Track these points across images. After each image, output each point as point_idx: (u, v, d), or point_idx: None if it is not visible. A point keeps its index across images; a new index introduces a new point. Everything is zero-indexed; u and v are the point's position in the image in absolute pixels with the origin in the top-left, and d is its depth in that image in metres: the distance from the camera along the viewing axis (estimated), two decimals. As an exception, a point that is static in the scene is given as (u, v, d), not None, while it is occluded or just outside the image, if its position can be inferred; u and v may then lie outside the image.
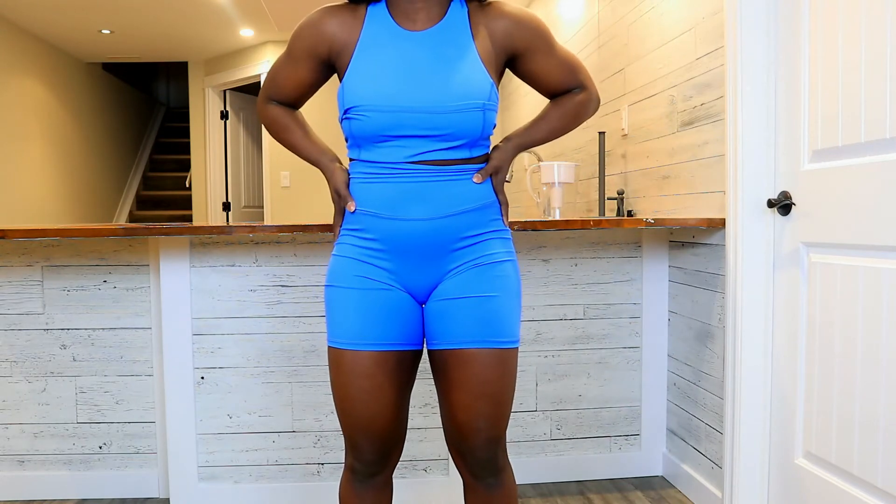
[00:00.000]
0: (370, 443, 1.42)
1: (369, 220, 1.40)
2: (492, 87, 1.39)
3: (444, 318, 1.39)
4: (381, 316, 1.39)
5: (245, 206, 6.73)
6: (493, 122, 1.41)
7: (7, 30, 5.14)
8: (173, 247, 2.30)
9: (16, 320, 2.37)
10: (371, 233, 1.40)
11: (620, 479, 2.54)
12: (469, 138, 1.39)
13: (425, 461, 2.43)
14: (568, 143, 3.80)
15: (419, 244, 1.39)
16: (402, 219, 1.38)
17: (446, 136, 1.37)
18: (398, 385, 1.42)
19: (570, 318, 2.50)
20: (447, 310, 1.39)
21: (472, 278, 1.40)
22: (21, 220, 5.33)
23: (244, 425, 2.37)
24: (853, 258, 1.73)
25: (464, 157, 1.40)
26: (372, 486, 1.47)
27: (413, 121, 1.35)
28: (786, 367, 2.00)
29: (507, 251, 1.46)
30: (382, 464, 1.46)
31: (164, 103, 9.39)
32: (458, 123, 1.36)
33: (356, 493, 1.47)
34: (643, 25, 2.74)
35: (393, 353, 1.40)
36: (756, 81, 2.03)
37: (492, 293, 1.40)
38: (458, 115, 1.35)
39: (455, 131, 1.37)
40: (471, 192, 1.41)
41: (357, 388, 1.38)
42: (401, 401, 1.43)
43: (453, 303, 1.39)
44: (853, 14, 1.70)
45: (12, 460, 2.39)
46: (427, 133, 1.36)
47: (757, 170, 2.05)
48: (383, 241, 1.40)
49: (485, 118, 1.37)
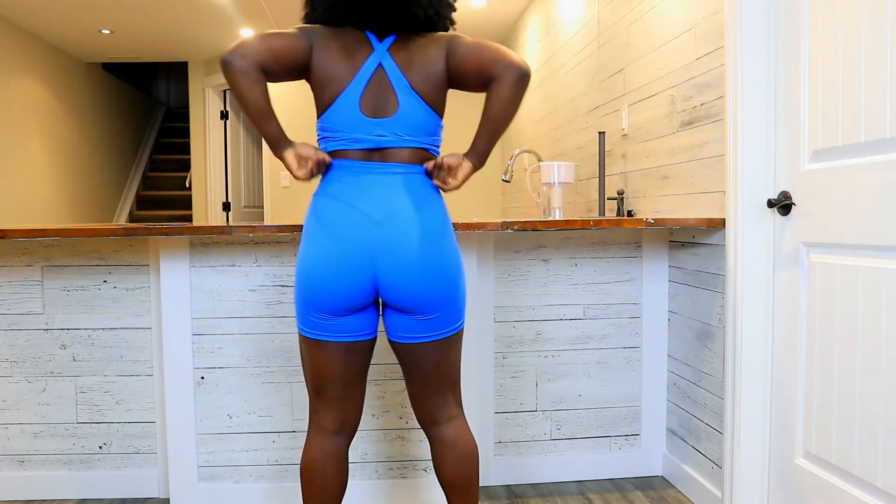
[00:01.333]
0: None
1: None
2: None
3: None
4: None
5: (245, 206, 6.73)
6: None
7: (7, 30, 5.14)
8: (173, 247, 2.30)
9: (16, 320, 2.37)
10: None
11: (620, 479, 2.54)
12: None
13: (425, 461, 2.43)
14: (568, 144, 3.80)
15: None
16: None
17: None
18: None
19: (570, 318, 2.50)
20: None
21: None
22: (21, 220, 5.33)
23: (244, 425, 2.37)
24: (853, 258, 1.73)
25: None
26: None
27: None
28: (786, 367, 2.00)
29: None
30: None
31: (164, 103, 9.39)
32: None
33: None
34: (643, 25, 2.74)
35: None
36: (756, 81, 2.03)
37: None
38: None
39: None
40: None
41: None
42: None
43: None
44: (853, 14, 1.70)
45: (12, 460, 2.40)
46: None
47: (757, 170, 2.05)
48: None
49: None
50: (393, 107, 1.64)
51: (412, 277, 1.59)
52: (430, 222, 1.63)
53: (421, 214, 1.62)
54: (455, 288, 1.66)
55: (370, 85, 1.64)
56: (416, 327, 1.64)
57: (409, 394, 1.74)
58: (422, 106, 1.65)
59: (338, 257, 1.58)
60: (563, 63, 3.88)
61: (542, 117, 4.37)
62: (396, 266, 1.58)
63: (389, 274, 1.59)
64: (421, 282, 1.59)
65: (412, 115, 1.65)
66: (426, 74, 1.65)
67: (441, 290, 1.62)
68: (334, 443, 1.67)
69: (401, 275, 1.59)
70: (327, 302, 1.59)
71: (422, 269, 1.59)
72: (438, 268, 1.61)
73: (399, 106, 1.64)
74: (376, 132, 1.64)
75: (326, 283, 1.58)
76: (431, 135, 1.69)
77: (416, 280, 1.59)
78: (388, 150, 1.65)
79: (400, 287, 1.59)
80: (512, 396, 2.50)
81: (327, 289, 1.58)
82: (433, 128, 1.69)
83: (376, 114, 1.64)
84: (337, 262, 1.58)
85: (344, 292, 1.59)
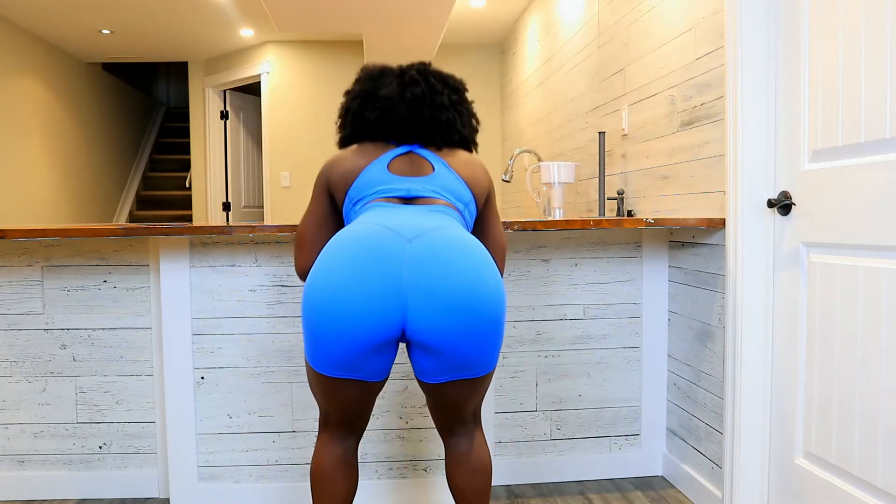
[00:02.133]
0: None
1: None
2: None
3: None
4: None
5: (245, 206, 6.73)
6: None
7: (7, 30, 5.14)
8: (173, 247, 2.30)
9: (16, 320, 2.37)
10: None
11: (620, 479, 2.54)
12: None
13: (425, 461, 2.43)
14: (568, 144, 3.80)
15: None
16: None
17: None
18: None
19: (570, 318, 2.50)
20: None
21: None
22: (21, 220, 5.33)
23: (244, 425, 2.37)
24: (853, 258, 1.73)
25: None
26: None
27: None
28: (786, 367, 2.00)
29: None
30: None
31: (164, 103, 9.39)
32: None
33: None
34: (643, 25, 2.74)
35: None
36: (756, 81, 2.03)
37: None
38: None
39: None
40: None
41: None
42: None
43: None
44: (853, 14, 1.70)
45: (12, 460, 2.40)
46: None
47: (757, 170, 2.05)
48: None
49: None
50: (427, 169, 1.63)
51: (448, 309, 1.37)
52: (467, 238, 1.48)
53: (455, 230, 1.48)
54: (499, 328, 1.46)
55: (399, 158, 1.64)
56: (449, 367, 1.46)
57: (430, 411, 1.68)
58: (456, 178, 1.63)
59: (360, 278, 1.37)
60: (563, 63, 3.88)
61: (542, 117, 4.37)
62: (430, 294, 1.37)
63: (421, 304, 1.37)
64: (458, 316, 1.38)
65: (446, 179, 1.61)
66: (468, 171, 1.66)
67: (482, 326, 1.41)
68: (344, 446, 1.65)
69: (435, 305, 1.37)
70: (345, 335, 1.38)
71: (461, 299, 1.37)
72: (480, 297, 1.40)
73: (434, 170, 1.62)
74: (407, 185, 1.59)
75: (344, 313, 1.37)
76: (465, 206, 1.63)
77: (453, 314, 1.37)
78: (421, 198, 1.60)
79: (432, 321, 1.38)
80: (512, 396, 2.50)
81: (346, 319, 1.37)
82: (467, 198, 1.63)
83: (409, 173, 1.62)
84: (358, 284, 1.36)
85: (365, 324, 1.37)
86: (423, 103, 1.63)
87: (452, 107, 1.68)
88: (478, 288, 1.40)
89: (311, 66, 5.87)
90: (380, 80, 1.68)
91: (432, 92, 1.65)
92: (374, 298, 1.37)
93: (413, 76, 1.66)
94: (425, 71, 1.69)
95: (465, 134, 1.72)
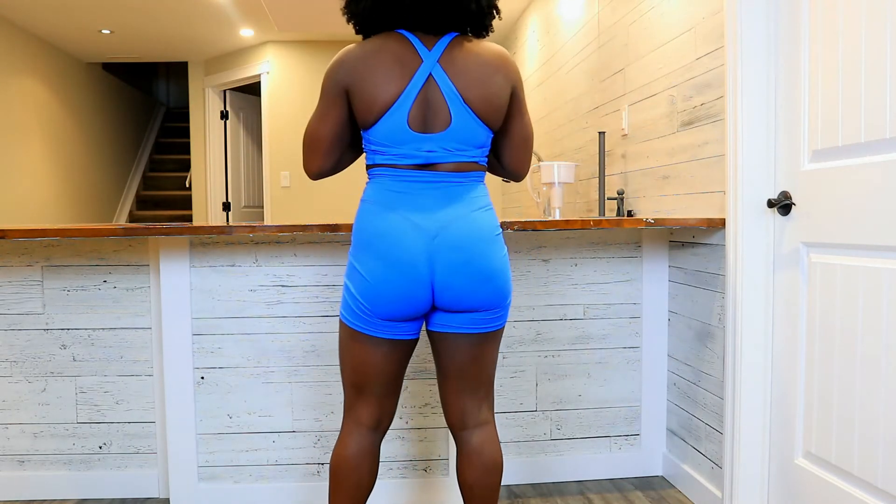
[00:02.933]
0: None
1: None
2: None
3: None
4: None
5: (245, 206, 6.73)
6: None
7: (7, 30, 5.14)
8: (173, 247, 2.30)
9: (16, 320, 2.37)
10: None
11: (620, 479, 2.54)
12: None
13: (425, 461, 2.43)
14: (568, 144, 3.80)
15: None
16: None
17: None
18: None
19: (570, 318, 2.50)
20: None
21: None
22: (21, 220, 5.33)
23: (244, 425, 2.37)
24: (853, 258, 1.73)
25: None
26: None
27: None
28: (786, 367, 2.00)
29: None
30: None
31: (164, 103, 9.39)
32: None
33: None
34: (643, 25, 2.74)
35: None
36: (756, 81, 2.03)
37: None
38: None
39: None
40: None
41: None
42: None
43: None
44: (853, 14, 1.70)
45: (12, 460, 2.40)
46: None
47: (757, 170, 2.05)
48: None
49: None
50: (443, 121, 1.59)
51: (469, 286, 1.58)
52: (482, 230, 1.61)
53: (472, 223, 1.60)
54: (507, 289, 1.65)
55: (419, 99, 1.58)
56: (462, 321, 1.62)
57: (442, 393, 1.70)
58: (474, 120, 1.60)
59: (401, 276, 1.56)
60: (563, 63, 3.88)
61: (542, 117, 4.37)
62: (454, 278, 1.57)
63: (449, 286, 1.57)
64: (478, 289, 1.58)
65: (463, 129, 1.60)
66: (484, 94, 1.60)
67: (496, 293, 1.61)
68: (371, 439, 1.65)
69: (459, 285, 1.58)
70: (386, 313, 1.58)
71: (479, 277, 1.58)
72: (493, 273, 1.60)
73: (451, 120, 1.58)
74: (426, 148, 1.59)
75: (388, 301, 1.57)
76: (481, 146, 1.64)
77: (474, 287, 1.58)
78: (436, 163, 1.61)
79: (458, 296, 1.58)
80: (512, 396, 2.50)
81: (388, 304, 1.57)
82: (483, 140, 1.64)
83: (426, 129, 1.59)
84: (399, 280, 1.56)
85: (403, 309, 1.58)
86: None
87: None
88: (490, 266, 1.61)
89: (311, 66, 5.87)
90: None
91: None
92: (414, 287, 1.57)
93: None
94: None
95: (483, 5, 1.63)
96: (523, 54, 4.93)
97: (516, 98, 1.68)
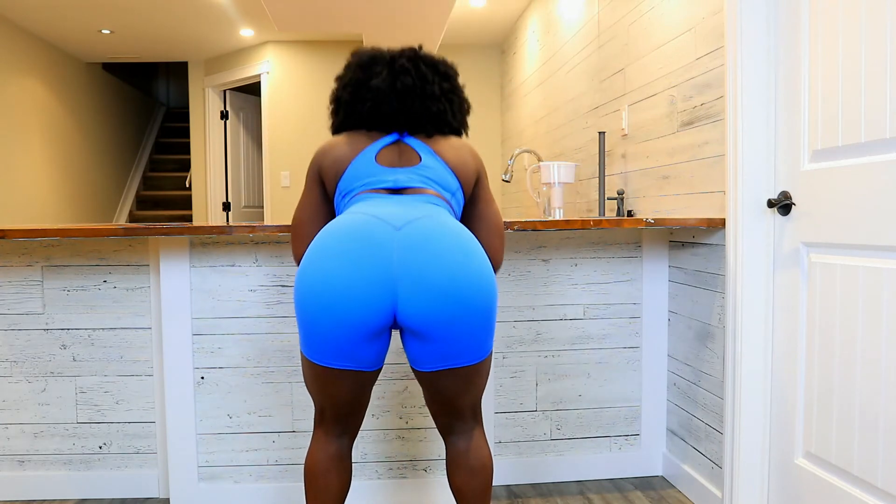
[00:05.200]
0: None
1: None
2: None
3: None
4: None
5: (245, 206, 6.73)
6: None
7: (7, 30, 5.14)
8: (173, 247, 2.30)
9: (16, 320, 2.37)
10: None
11: (620, 479, 2.54)
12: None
13: (425, 461, 2.43)
14: (568, 143, 3.80)
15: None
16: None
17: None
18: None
19: (570, 318, 2.50)
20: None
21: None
22: (21, 220, 5.33)
23: (244, 425, 2.37)
24: (853, 258, 1.73)
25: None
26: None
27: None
28: (786, 367, 2.00)
29: None
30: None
31: (164, 103, 9.39)
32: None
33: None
34: (643, 25, 2.74)
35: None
36: (756, 81, 2.03)
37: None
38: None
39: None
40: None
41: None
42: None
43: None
44: (853, 14, 1.70)
45: (12, 460, 2.40)
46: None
47: (757, 170, 2.05)
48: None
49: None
50: (414, 159, 1.63)
51: (437, 296, 1.41)
52: (457, 227, 1.51)
53: (444, 223, 1.50)
54: (490, 315, 1.49)
55: (389, 147, 1.65)
56: (440, 355, 1.48)
57: (428, 406, 1.70)
58: (444, 167, 1.63)
59: (351, 265, 1.40)
60: (563, 63, 3.88)
61: (542, 117, 4.37)
62: (419, 281, 1.40)
63: (410, 290, 1.41)
64: (447, 303, 1.41)
65: (433, 168, 1.62)
66: (454, 154, 1.66)
67: (472, 313, 1.45)
68: (337, 444, 1.65)
69: (424, 292, 1.41)
70: (338, 322, 1.41)
71: (450, 285, 1.41)
72: (469, 271, 1.44)
73: (421, 160, 1.63)
74: (395, 176, 1.60)
75: (337, 300, 1.40)
76: (452, 193, 1.64)
77: (442, 300, 1.41)
78: (410, 188, 1.61)
79: (422, 308, 1.41)
80: (512, 396, 2.50)
81: (339, 306, 1.40)
82: (454, 187, 1.64)
83: (395, 164, 1.63)
84: (350, 270, 1.39)
85: (360, 312, 1.40)
86: (414, 94, 1.63)
87: (444, 95, 1.68)
88: (464, 275, 1.44)
89: (311, 66, 5.87)
90: (370, 68, 1.66)
91: (423, 82, 1.65)
92: (365, 286, 1.41)
93: (403, 64, 1.65)
94: (416, 57, 1.67)
95: (456, 124, 1.72)
96: (523, 54, 4.93)
97: (481, 183, 1.74)
